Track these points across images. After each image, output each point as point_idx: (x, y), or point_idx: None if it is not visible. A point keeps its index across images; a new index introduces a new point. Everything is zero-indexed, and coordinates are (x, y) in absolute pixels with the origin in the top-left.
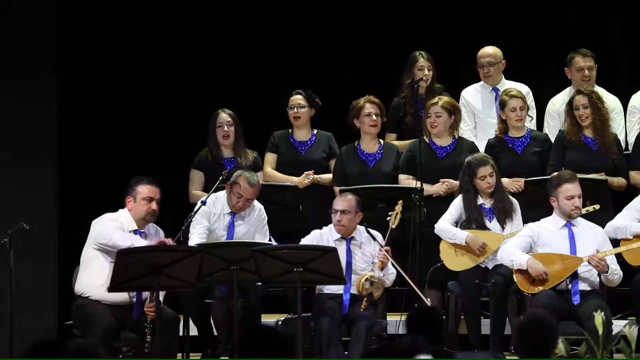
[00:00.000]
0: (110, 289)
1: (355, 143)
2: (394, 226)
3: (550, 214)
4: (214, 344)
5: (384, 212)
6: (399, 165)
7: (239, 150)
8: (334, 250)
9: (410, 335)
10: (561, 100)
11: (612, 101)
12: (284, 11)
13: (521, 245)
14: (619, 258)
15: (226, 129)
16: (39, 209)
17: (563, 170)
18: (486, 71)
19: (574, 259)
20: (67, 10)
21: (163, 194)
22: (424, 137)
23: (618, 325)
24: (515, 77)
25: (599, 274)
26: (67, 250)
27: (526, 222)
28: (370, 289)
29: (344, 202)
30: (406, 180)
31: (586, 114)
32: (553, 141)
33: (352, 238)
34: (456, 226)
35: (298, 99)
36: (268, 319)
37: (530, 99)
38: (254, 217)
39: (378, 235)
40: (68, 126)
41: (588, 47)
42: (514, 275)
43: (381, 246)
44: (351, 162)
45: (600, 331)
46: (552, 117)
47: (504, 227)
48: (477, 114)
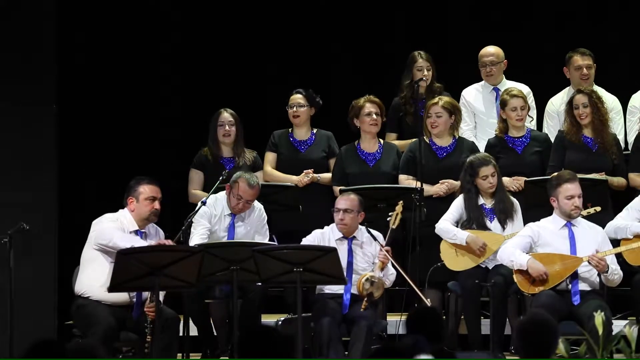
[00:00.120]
0: (110, 289)
1: (355, 143)
2: (394, 226)
3: (550, 214)
4: (214, 344)
5: (384, 212)
6: (399, 166)
7: (239, 150)
8: (334, 251)
9: (410, 335)
10: (560, 100)
11: (611, 101)
12: (284, 11)
13: (521, 245)
14: (619, 258)
15: (227, 128)
16: (39, 209)
17: (563, 170)
18: (488, 70)
19: (574, 259)
20: (67, 11)
21: (163, 194)
22: (424, 138)
23: (618, 325)
24: (516, 77)
25: (599, 274)
26: (67, 251)
27: (526, 222)
28: (370, 289)
29: (346, 201)
30: (406, 181)
31: (586, 113)
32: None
33: (354, 238)
34: (457, 226)
35: (298, 98)
36: (268, 319)
37: (530, 99)
38: (254, 218)
39: (379, 236)
40: (68, 126)
41: (588, 47)
42: (514, 276)
43: (381, 246)
44: (351, 162)
45: (600, 331)
46: (551, 117)
47: (504, 228)
48: (478, 114)
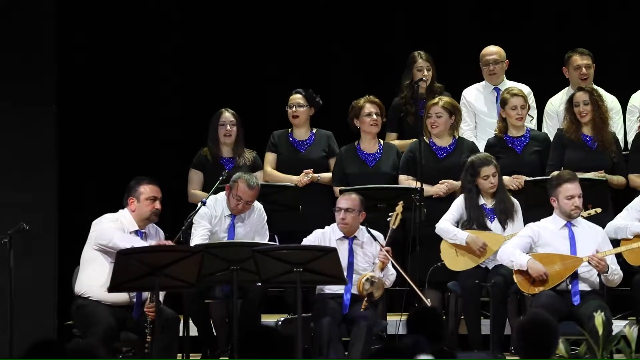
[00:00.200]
0: (110, 289)
1: (355, 143)
2: (394, 227)
3: (550, 214)
4: (214, 344)
5: (384, 213)
6: (399, 166)
7: (239, 150)
8: (334, 251)
9: (411, 335)
10: (559, 100)
11: (611, 101)
12: (284, 11)
13: (521, 245)
14: (619, 258)
15: (229, 127)
16: (39, 209)
17: (563, 170)
18: (492, 68)
19: (574, 259)
20: (67, 11)
21: (163, 194)
22: (424, 138)
23: (618, 325)
24: (516, 77)
25: (599, 274)
26: (67, 251)
27: (526, 222)
28: (370, 289)
29: (348, 201)
30: (406, 181)
31: (586, 110)
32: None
33: (355, 237)
34: (457, 226)
35: (297, 98)
36: (268, 319)
37: (531, 100)
38: (254, 218)
39: (379, 236)
40: (68, 126)
41: (588, 47)
42: (514, 276)
43: (382, 247)
44: (351, 162)
45: (600, 331)
46: (551, 117)
47: (505, 228)
48: (479, 114)
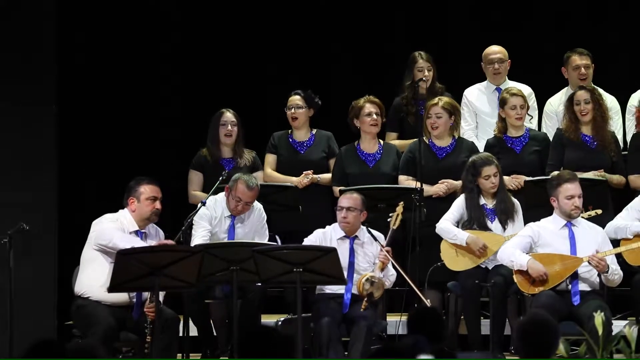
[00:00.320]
0: (110, 289)
1: (355, 143)
2: (394, 227)
3: (550, 214)
4: (214, 344)
5: (384, 213)
6: (399, 166)
7: (239, 151)
8: (334, 251)
9: (411, 335)
10: (558, 100)
11: (610, 101)
12: (284, 11)
13: (521, 245)
14: (619, 258)
15: (229, 128)
16: (39, 209)
17: (563, 170)
18: (497, 67)
19: (574, 259)
20: (67, 11)
21: (163, 194)
22: (424, 138)
23: (618, 325)
24: (516, 77)
25: (599, 274)
26: (67, 251)
27: (526, 222)
28: (370, 289)
29: (349, 200)
30: (406, 181)
31: (587, 109)
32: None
33: (356, 237)
34: (457, 226)
35: (296, 99)
36: (268, 319)
37: (532, 100)
38: (253, 219)
39: (380, 236)
40: (68, 126)
41: (588, 47)
42: (514, 276)
43: (382, 247)
44: (351, 162)
45: (600, 331)
46: (550, 117)
47: (505, 228)
48: (480, 114)
